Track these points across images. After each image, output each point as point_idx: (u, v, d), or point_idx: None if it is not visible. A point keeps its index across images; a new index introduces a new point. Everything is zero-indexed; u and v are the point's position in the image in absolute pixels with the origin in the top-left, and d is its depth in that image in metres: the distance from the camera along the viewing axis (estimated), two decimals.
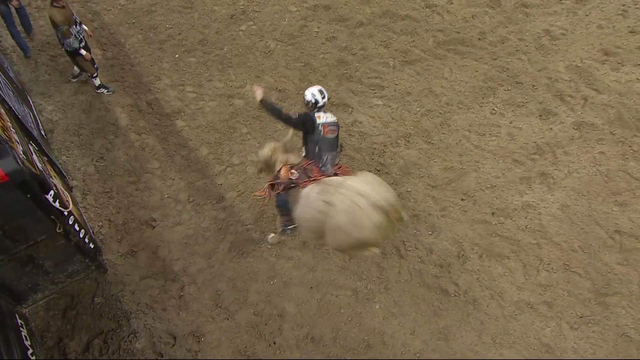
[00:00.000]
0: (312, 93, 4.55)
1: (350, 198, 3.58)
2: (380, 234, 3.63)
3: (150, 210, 5.32)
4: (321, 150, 4.46)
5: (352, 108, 6.24)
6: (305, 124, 4.49)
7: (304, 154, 4.66)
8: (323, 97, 4.56)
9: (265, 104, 4.59)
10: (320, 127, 4.46)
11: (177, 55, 6.81)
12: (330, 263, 4.90)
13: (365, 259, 4.87)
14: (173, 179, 5.57)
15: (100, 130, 6.00)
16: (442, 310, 4.53)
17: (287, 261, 4.94)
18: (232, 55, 6.82)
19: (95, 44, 6.83)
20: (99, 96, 6.27)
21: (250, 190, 5.46)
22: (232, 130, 6.02)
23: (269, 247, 5.00)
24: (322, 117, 4.50)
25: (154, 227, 5.21)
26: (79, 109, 6.18)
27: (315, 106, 4.55)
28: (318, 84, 6.42)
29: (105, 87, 6.31)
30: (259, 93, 4.61)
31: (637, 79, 6.30)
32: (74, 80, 6.36)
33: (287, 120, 4.55)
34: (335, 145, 4.56)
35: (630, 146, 5.66)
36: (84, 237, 4.31)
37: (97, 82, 6.24)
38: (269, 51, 6.88)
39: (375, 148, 5.79)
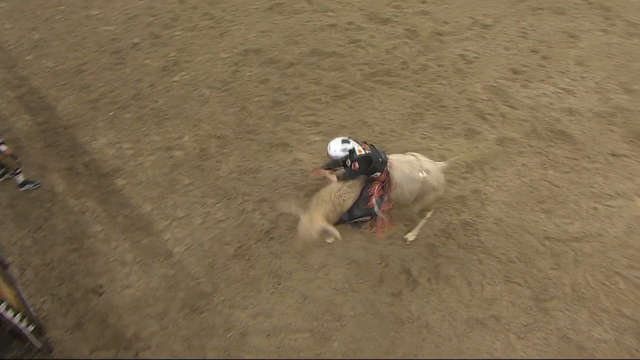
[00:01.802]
0: (342, 149, 4.45)
1: (436, 172, 4.63)
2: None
3: (96, 277, 4.93)
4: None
5: (292, 147, 6.13)
6: (369, 165, 4.46)
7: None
8: (348, 142, 4.47)
9: (344, 178, 4.65)
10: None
11: (111, 113, 6.48)
12: (284, 306, 4.70)
13: (319, 298, 4.71)
14: (117, 241, 5.20)
15: (36, 199, 5.55)
16: (398, 339, 4.43)
17: (242, 311, 4.69)
18: (168, 107, 6.58)
19: (24, 110, 6.39)
20: (32, 164, 5.82)
21: (198, 243, 5.19)
22: (174, 183, 5.74)
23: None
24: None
25: (101, 294, 4.81)
26: (11, 180, 5.70)
27: (352, 153, 4.45)
28: (255, 126, 6.33)
29: (31, 182, 5.62)
30: (331, 177, 4.76)
31: (544, 93, 6.62)
32: (1, 179, 5.61)
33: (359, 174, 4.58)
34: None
35: (547, 156, 5.89)
36: (22, 319, 3.89)
37: (21, 178, 5.54)
38: (204, 99, 6.69)
39: (318, 185, 5.67)
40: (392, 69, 7.14)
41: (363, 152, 4.45)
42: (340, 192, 4.53)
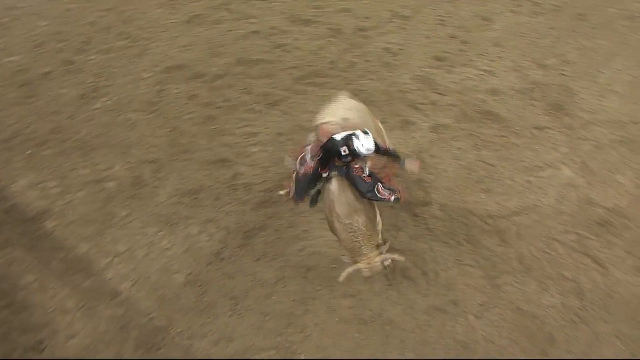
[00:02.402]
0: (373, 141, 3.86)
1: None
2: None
3: (35, 332, 4.53)
4: None
5: (231, 161, 5.96)
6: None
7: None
8: (367, 132, 3.93)
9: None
10: None
11: (29, 151, 5.98)
12: (245, 327, 4.57)
13: (280, 313, 4.63)
14: (54, 289, 4.81)
15: None
16: (363, 340, 4.44)
17: (201, 340, 4.51)
18: (92, 137, 6.17)
19: None
20: None
21: (145, 276, 4.92)
22: (110, 217, 5.40)
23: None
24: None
25: (43, 349, 4.44)
26: None
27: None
28: (189, 145, 6.12)
29: None
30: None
31: (468, 77, 6.90)
32: None
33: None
34: None
35: (478, 137, 6.13)
36: None
37: None
38: (131, 124, 6.34)
39: (262, 197, 5.57)
40: (320, 70, 7.14)
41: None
42: (352, 221, 4.06)
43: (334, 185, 4.12)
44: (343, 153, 3.90)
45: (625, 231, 5.13)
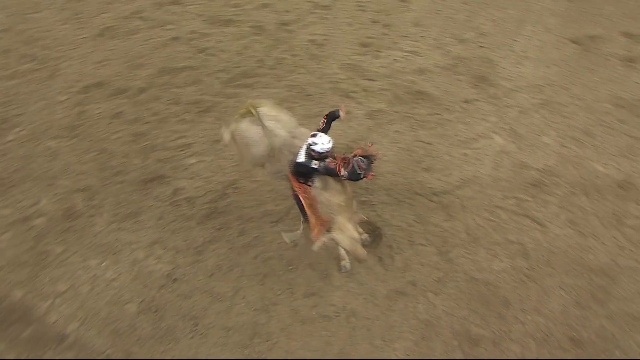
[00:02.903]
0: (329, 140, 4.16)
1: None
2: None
3: None
4: None
5: (169, 177, 5.71)
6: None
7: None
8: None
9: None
10: None
11: None
12: (209, 346, 4.42)
13: (243, 325, 4.51)
14: None
15: None
16: (330, 336, 4.43)
17: None
18: (10, 173, 5.67)
19: None
20: None
21: (93, 312, 4.61)
22: (44, 256, 5.01)
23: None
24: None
25: None
26: None
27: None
28: (121, 166, 5.80)
29: None
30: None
31: (394, 60, 7.03)
32: None
33: None
34: None
35: (413, 117, 6.28)
36: None
37: None
38: (53, 153, 5.89)
39: (207, 209, 5.38)
40: (248, 70, 6.99)
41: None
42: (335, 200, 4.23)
43: (317, 182, 4.29)
44: (316, 166, 4.15)
45: (557, 188, 5.47)
